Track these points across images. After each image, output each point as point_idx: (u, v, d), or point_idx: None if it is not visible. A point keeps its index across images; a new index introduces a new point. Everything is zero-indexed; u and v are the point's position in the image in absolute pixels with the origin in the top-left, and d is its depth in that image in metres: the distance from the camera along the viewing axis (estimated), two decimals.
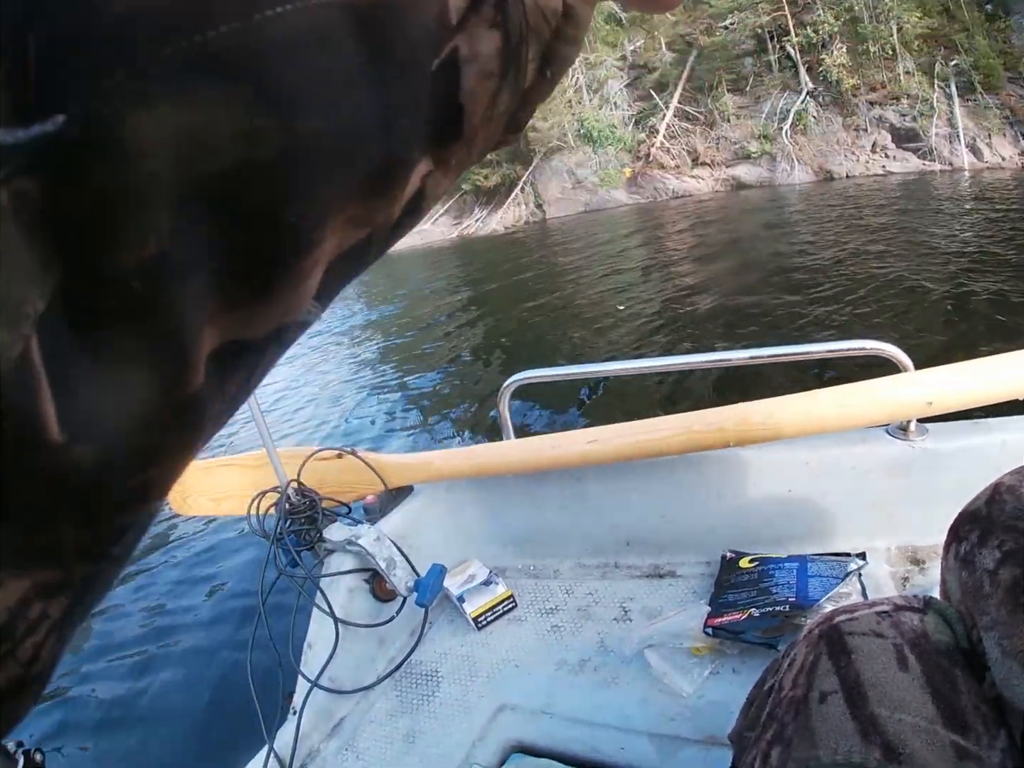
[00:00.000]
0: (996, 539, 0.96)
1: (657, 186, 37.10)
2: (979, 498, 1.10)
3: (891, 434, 2.15)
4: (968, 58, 26.40)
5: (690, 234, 21.06)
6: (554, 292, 16.18)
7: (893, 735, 0.87)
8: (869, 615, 1.10)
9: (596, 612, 2.35)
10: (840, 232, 15.97)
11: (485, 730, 2.00)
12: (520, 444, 2.42)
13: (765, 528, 2.30)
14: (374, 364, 13.11)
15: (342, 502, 2.50)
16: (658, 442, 2.12)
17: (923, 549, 2.14)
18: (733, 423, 2.02)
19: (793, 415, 1.98)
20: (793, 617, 1.89)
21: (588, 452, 2.20)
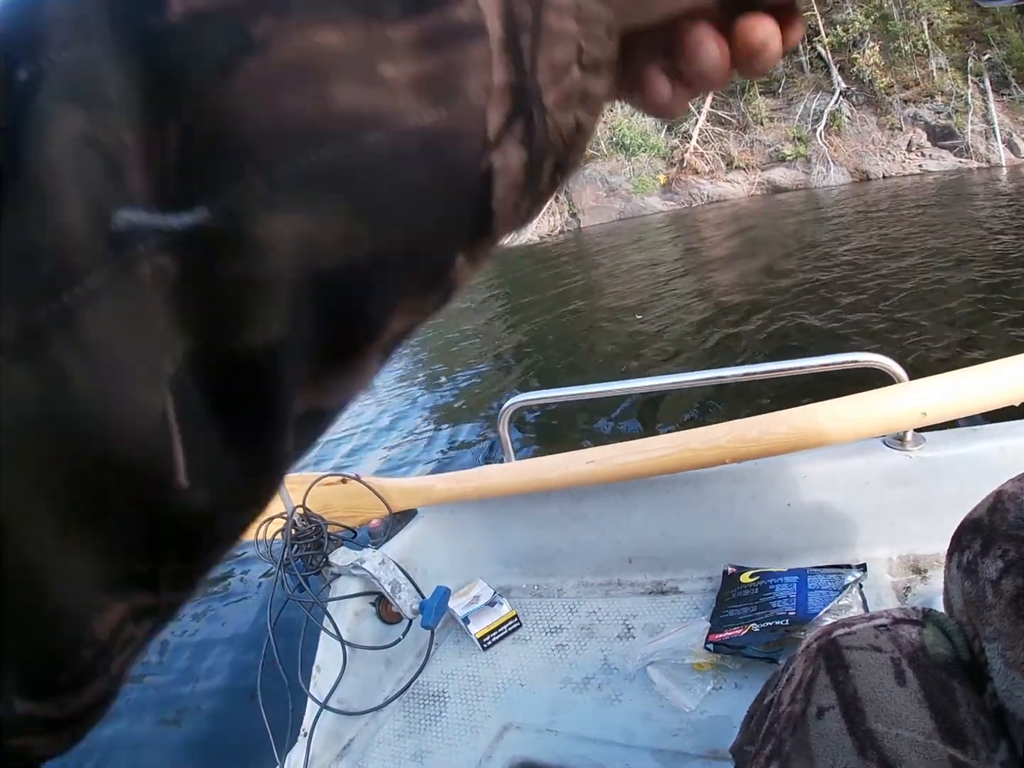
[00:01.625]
0: (999, 548, 0.95)
1: (692, 192, 36.89)
2: (981, 507, 1.09)
3: (888, 445, 2.15)
4: (1001, 52, 26.12)
5: (725, 241, 20.59)
6: (587, 301, 16.04)
7: (890, 750, 0.87)
8: (867, 629, 1.09)
9: (600, 630, 2.36)
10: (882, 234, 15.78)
11: (491, 749, 2.02)
12: (520, 466, 2.44)
13: (765, 542, 2.30)
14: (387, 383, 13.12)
15: (347, 527, 2.51)
16: (656, 461, 2.14)
17: (924, 558, 2.14)
18: (729, 440, 2.04)
19: (789, 429, 1.99)
20: (793, 631, 1.89)
21: (587, 472, 2.22)
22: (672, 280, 16.54)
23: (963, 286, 9.88)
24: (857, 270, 12.46)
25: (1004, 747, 0.88)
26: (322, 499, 2.50)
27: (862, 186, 28.09)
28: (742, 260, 16.88)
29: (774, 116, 34.37)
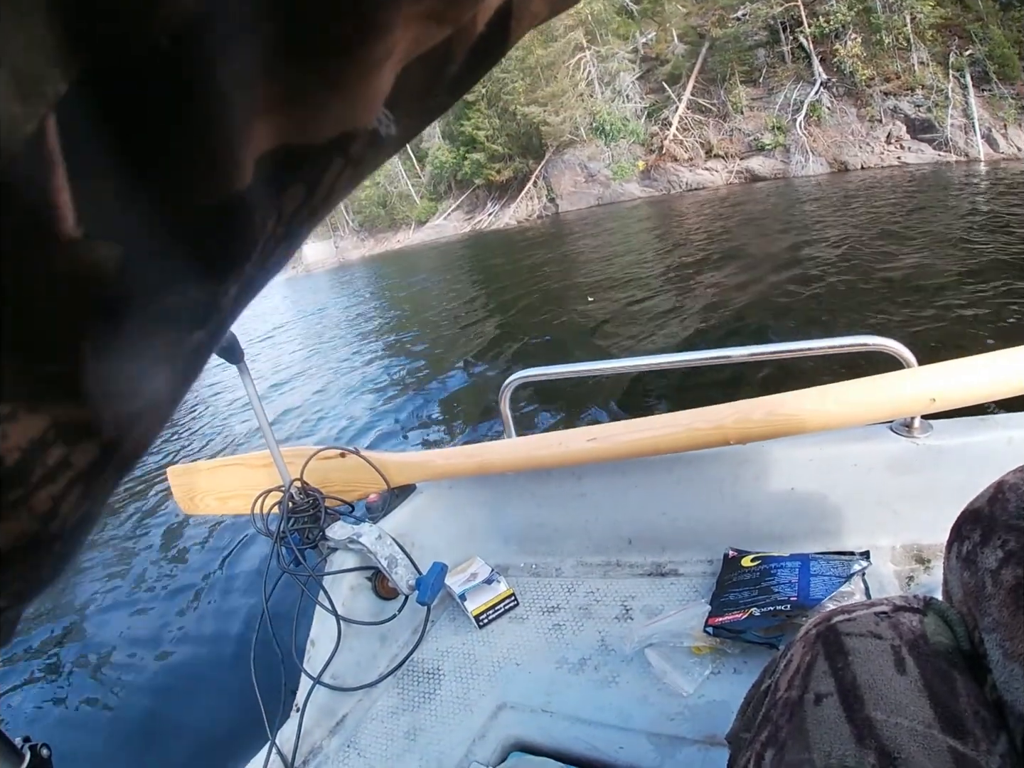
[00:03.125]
0: (999, 539, 0.94)
1: (671, 179, 37.03)
2: (981, 497, 1.08)
3: (895, 431, 2.11)
4: (983, 48, 26.21)
5: (703, 228, 20.91)
6: (565, 286, 16.21)
7: (889, 739, 0.85)
8: (867, 616, 1.07)
9: (597, 611, 2.34)
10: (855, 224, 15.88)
11: (485, 728, 2.01)
12: (521, 442, 2.41)
13: (767, 526, 2.28)
14: (379, 360, 13.11)
15: (345, 501, 2.50)
16: (658, 440, 2.11)
17: (928, 548, 2.11)
18: (733, 420, 2.00)
19: (795, 412, 1.95)
20: (794, 617, 1.86)
21: (588, 450, 2.19)
22: (650, 263, 16.69)
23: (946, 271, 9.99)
24: (837, 258, 12.57)
25: (1004, 739, 0.87)
26: (320, 473, 2.48)
27: (840, 176, 28.24)
28: (718, 246, 17.09)
29: (754, 105, 34.39)
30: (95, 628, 5.67)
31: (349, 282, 36.34)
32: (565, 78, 41.34)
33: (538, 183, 44.69)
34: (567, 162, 42.50)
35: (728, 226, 20.11)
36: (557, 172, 43.08)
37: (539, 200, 44.41)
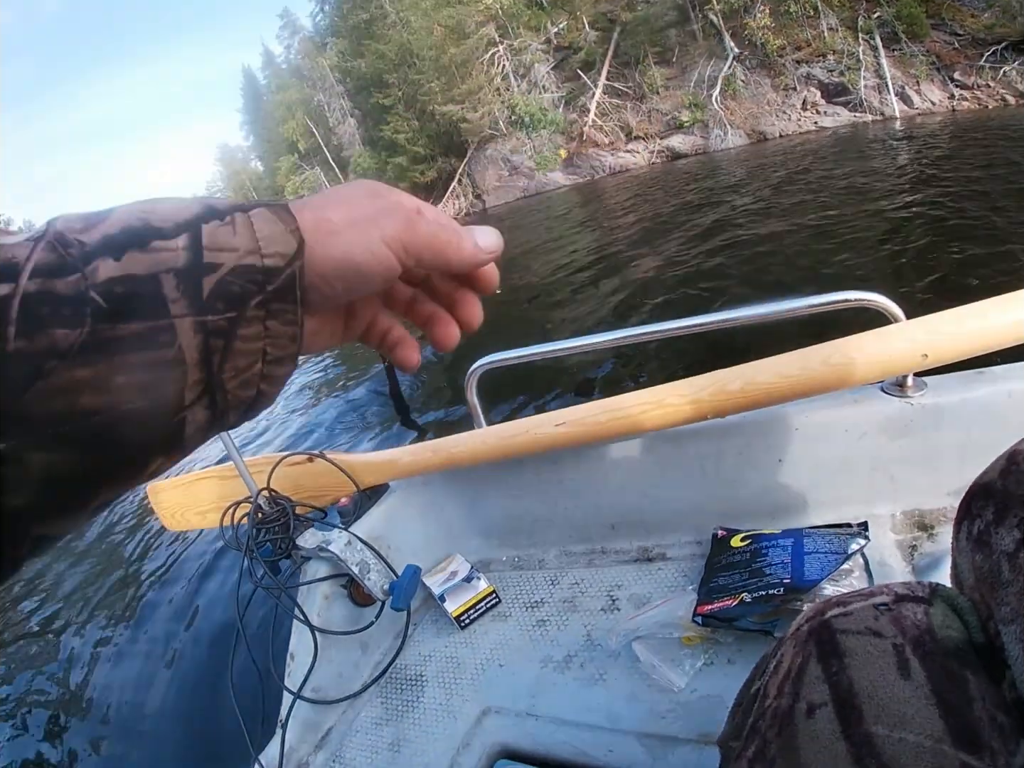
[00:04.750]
0: (1015, 516, 0.82)
1: (594, 164, 37.38)
2: (992, 469, 0.93)
3: (886, 391, 1.97)
4: (890, 9, 26.70)
5: (631, 208, 21.40)
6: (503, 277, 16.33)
7: (891, 759, 0.74)
8: (865, 609, 0.95)
9: (582, 603, 2.24)
10: (780, 191, 16.13)
11: (470, 736, 1.93)
12: (490, 432, 2.25)
13: (756, 502, 2.15)
14: (336, 367, 13.13)
15: (317, 507, 2.37)
16: (631, 419, 1.96)
17: (930, 513, 1.97)
18: (710, 393, 1.85)
19: (776, 379, 1.80)
20: (789, 601, 1.73)
21: (558, 435, 2.06)
22: (586, 247, 16.87)
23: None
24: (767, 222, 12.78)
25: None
26: (290, 480, 2.39)
27: (760, 146, 28.68)
28: (648, 223, 17.37)
29: (669, 84, 34.82)
30: (65, 657, 5.59)
31: None
32: (480, 74, 41.39)
33: (463, 181, 44.87)
34: (490, 157, 42.69)
35: (654, 204, 20.58)
36: (481, 168, 43.27)
37: (466, 198, 44.61)
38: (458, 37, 41.42)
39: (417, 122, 46.30)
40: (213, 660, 4.55)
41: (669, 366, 6.75)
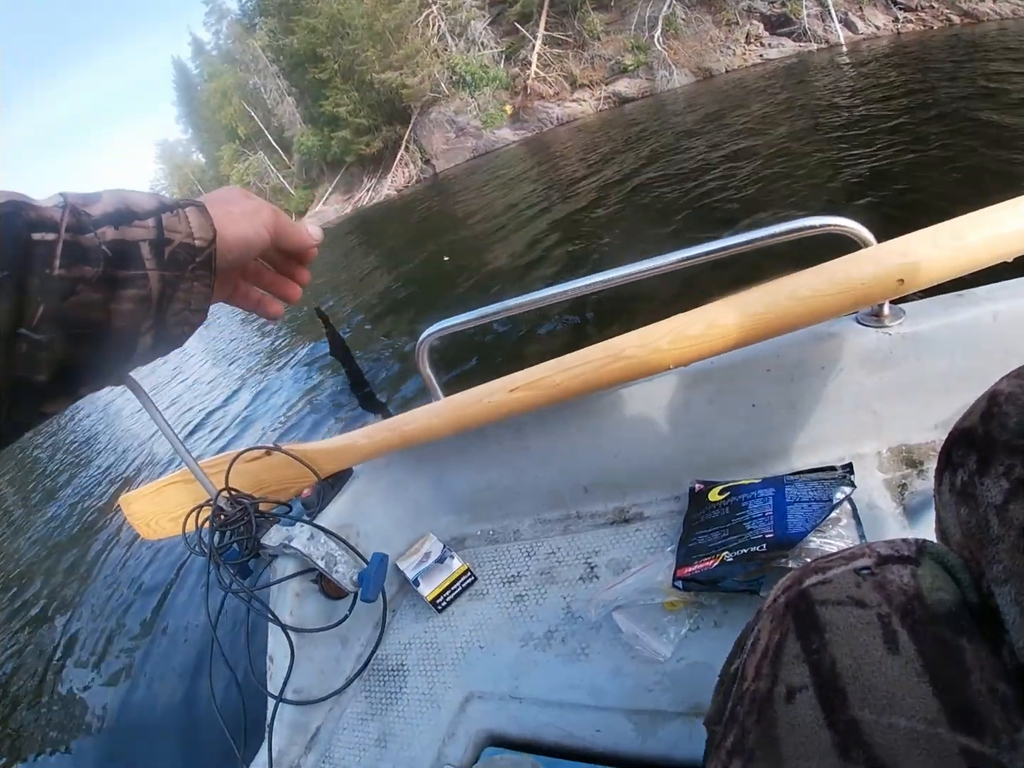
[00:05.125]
0: (1001, 464, 0.75)
1: (541, 117, 37.23)
2: (971, 414, 0.87)
3: (862, 322, 1.85)
4: None
5: (581, 156, 21.45)
6: (457, 241, 16.41)
7: (882, 748, 0.68)
8: (846, 575, 0.87)
9: (560, 573, 2.16)
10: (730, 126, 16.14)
11: (455, 725, 1.87)
12: (443, 405, 2.14)
13: (733, 450, 2.05)
14: (289, 358, 13.16)
15: (281, 501, 2.26)
16: (588, 376, 1.84)
17: (919, 448, 1.87)
18: (669, 341, 1.72)
19: (740, 319, 1.67)
20: (773, 557, 1.63)
21: (514, 401, 1.95)
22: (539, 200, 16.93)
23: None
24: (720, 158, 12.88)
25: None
26: (251, 476, 2.30)
27: (706, 83, 28.68)
28: (597, 170, 17.37)
29: (610, 29, 34.59)
30: (36, 683, 5.55)
31: None
32: (416, 37, 40.71)
33: (410, 148, 44.60)
34: (435, 121, 42.45)
35: (604, 151, 20.65)
36: (427, 133, 43.05)
37: (414, 165, 44.39)
38: (390, 2, 40.60)
39: (357, 93, 45.58)
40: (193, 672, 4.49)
41: (626, 315, 6.67)
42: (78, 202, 0.67)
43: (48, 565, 8.46)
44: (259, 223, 0.86)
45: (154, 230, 0.72)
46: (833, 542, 1.61)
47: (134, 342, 0.72)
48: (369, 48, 42.37)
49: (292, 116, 53.95)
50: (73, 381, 0.68)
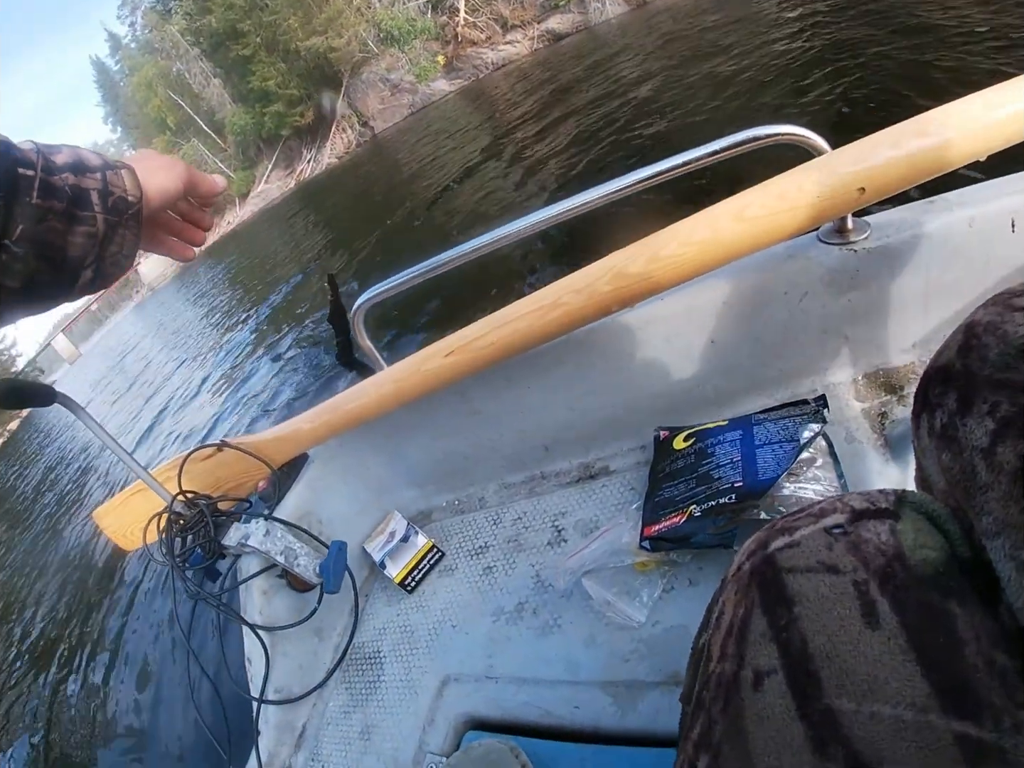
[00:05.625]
0: (984, 402, 0.68)
1: (475, 63, 36.96)
2: (948, 347, 0.79)
3: (824, 240, 1.70)
4: None
5: (519, 98, 21.41)
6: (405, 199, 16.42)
7: (863, 742, 0.59)
8: (815, 535, 0.77)
9: (527, 540, 2.08)
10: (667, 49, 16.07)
11: (433, 711, 1.81)
12: (380, 379, 2.01)
13: (696, 391, 1.93)
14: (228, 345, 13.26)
15: (241, 497, 2.20)
16: (525, 331, 1.71)
17: (897, 371, 1.75)
18: (608, 281, 1.57)
19: (683, 248, 1.51)
20: (743, 510, 1.51)
21: (452, 366, 1.83)
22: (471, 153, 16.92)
23: None
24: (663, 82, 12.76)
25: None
26: (207, 475, 2.21)
27: (641, 11, 28.45)
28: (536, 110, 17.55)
29: None
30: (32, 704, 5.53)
31: (192, 288, 36.68)
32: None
33: (345, 112, 44.31)
34: (367, 81, 41.98)
35: (542, 89, 20.60)
36: (361, 95, 42.60)
37: (352, 129, 43.98)
38: None
39: (284, 64, 44.62)
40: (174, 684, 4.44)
41: (564, 257, 6.59)
42: (46, 150, 0.85)
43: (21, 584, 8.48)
44: (175, 175, 1.04)
45: (101, 182, 0.89)
46: (808, 486, 1.50)
47: (79, 273, 0.89)
48: (290, 16, 41.56)
49: (221, 97, 53.04)
50: (31, 294, 0.85)
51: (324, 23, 40.26)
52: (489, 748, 1.50)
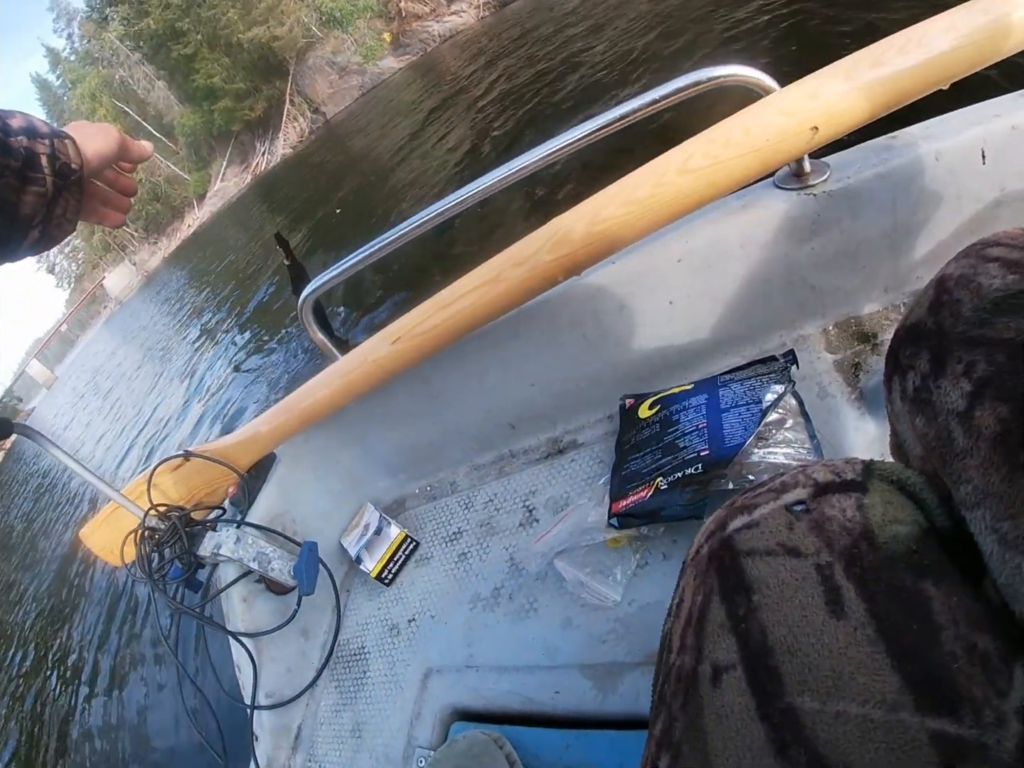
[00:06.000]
0: (958, 362, 0.65)
1: (422, 37, 36.71)
2: (918, 305, 0.76)
3: (780, 186, 1.61)
4: None
5: (469, 67, 21.43)
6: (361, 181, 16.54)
7: (827, 744, 0.53)
8: (775, 514, 0.71)
9: (499, 522, 2.04)
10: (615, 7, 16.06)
11: (419, 704, 1.79)
12: (330, 375, 1.97)
13: (659, 356, 1.86)
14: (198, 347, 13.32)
15: (215, 505, 2.16)
16: (469, 309, 1.64)
17: (870, 318, 1.67)
18: (550, 249, 1.49)
19: (625, 208, 1.42)
20: (710, 481, 1.43)
21: (398, 354, 1.76)
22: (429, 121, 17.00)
23: None
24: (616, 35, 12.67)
25: (1023, 668, 0.54)
26: (178, 487, 2.16)
27: None
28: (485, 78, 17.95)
29: None
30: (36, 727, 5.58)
31: (159, 295, 36.88)
32: None
33: (295, 100, 43.98)
34: (314, 67, 41.66)
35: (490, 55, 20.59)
36: (309, 81, 42.31)
37: (304, 117, 43.75)
38: None
39: (228, 59, 43.83)
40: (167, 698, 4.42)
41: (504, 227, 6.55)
42: (3, 114, 0.93)
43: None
44: (111, 140, 1.12)
45: (50, 147, 0.97)
46: (778, 450, 1.41)
47: (27, 231, 0.97)
48: (229, 9, 40.94)
49: (167, 100, 52.37)
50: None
51: (264, 12, 39.85)
52: (472, 740, 1.47)
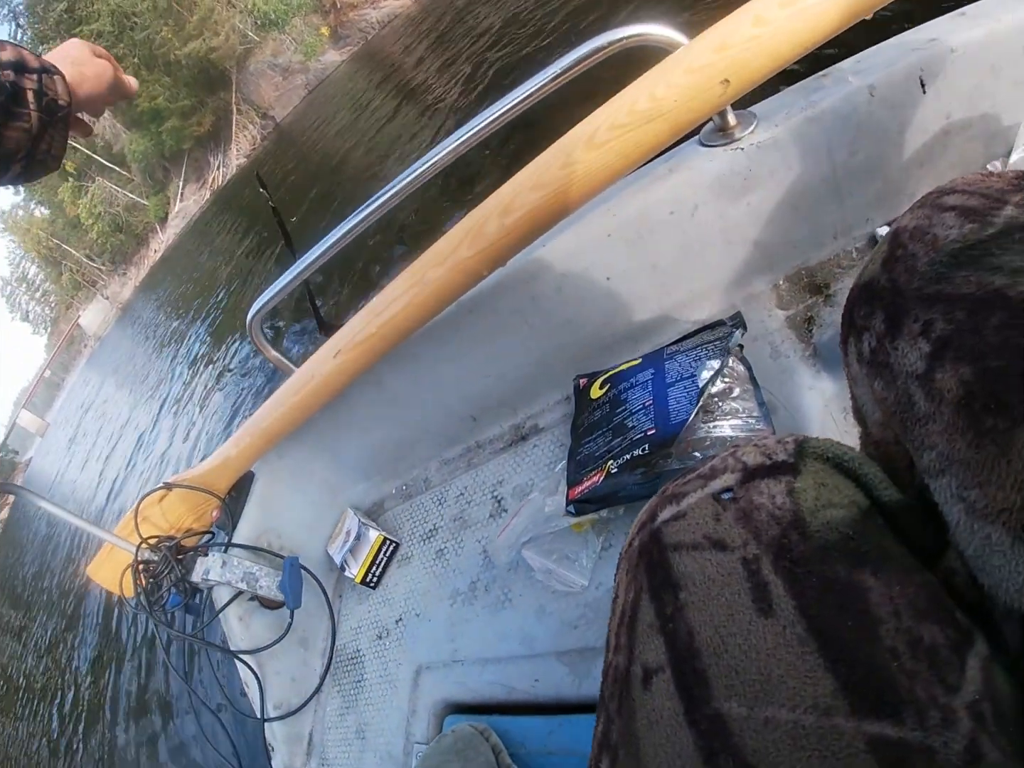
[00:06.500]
0: (915, 321, 0.61)
1: (361, 27, 36.22)
2: (872, 262, 0.71)
3: (706, 143, 1.55)
4: None
5: (412, 49, 21.25)
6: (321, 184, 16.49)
7: (756, 753, 0.49)
8: (702, 503, 0.67)
9: (471, 515, 2.05)
10: None
11: (413, 702, 1.82)
12: (283, 395, 2.00)
13: (606, 331, 1.82)
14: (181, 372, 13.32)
15: (204, 531, 2.20)
16: (406, 312, 1.62)
17: (821, 269, 1.61)
18: (468, 245, 1.46)
19: (538, 193, 1.38)
20: (656, 462, 1.38)
21: (343, 366, 1.77)
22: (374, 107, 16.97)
23: None
24: None
25: (977, 667, 0.50)
26: (167, 517, 2.20)
27: None
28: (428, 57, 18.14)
29: None
30: None
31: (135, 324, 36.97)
32: None
33: (242, 109, 43.61)
34: (257, 72, 41.04)
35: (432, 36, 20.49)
36: (254, 87, 41.65)
37: (254, 124, 43.23)
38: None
39: (168, 77, 42.68)
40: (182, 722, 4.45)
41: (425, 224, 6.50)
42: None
43: None
44: (103, 81, 1.15)
45: (37, 83, 0.99)
46: (724, 422, 1.35)
47: (9, 165, 1.00)
48: (162, 28, 39.93)
49: (114, 128, 51.74)
50: None
51: (198, 25, 39.19)
52: (459, 734, 1.50)
